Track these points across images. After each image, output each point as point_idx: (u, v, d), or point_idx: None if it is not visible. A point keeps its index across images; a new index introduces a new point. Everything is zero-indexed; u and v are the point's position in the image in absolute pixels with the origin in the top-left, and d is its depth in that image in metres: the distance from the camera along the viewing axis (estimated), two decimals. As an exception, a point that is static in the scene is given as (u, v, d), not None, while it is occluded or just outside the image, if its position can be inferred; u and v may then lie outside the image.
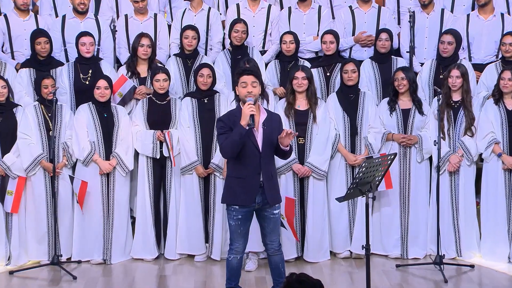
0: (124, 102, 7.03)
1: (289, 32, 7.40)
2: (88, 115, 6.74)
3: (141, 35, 7.15)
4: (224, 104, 6.83)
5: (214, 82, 6.86)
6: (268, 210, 5.44)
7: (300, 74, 6.70)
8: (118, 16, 7.94)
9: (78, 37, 7.19)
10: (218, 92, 6.92)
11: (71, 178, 6.63)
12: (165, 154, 6.78)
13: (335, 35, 7.36)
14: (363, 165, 5.16)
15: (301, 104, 6.81)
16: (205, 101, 6.86)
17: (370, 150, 6.75)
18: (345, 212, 6.90)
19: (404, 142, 6.80)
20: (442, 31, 7.55)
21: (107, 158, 6.77)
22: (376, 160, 5.20)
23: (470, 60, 7.67)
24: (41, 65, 7.24)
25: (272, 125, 5.38)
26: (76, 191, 6.58)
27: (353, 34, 7.82)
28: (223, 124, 5.29)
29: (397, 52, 7.78)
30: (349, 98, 6.95)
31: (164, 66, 7.29)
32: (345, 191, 6.10)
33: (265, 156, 5.34)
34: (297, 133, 5.60)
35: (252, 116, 5.12)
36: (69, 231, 6.79)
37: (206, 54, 7.66)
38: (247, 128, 5.13)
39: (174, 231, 6.88)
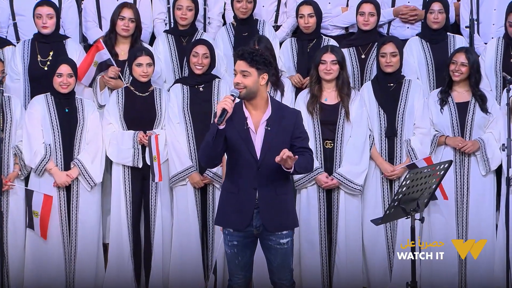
0: (100, 70, 6.39)
1: (307, 2, 6.69)
2: (43, 110, 6.02)
3: (123, 5, 6.53)
4: (226, 93, 6.11)
5: (212, 65, 6.23)
6: (272, 238, 4.81)
7: (329, 57, 5.97)
8: None
9: (34, 7, 6.44)
10: (218, 77, 6.30)
11: (29, 192, 5.92)
12: (149, 162, 6.05)
13: (376, 5, 6.62)
14: (407, 176, 4.62)
15: (329, 96, 6.04)
16: (200, 89, 6.20)
17: (412, 158, 6.04)
18: (382, 237, 6.15)
19: (462, 148, 6.08)
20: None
21: (67, 166, 6.07)
22: (425, 170, 4.69)
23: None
24: (-16, 45, 6.52)
25: (282, 125, 4.78)
26: (37, 209, 5.88)
27: (393, 5, 7.01)
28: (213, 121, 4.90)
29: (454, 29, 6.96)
30: (388, 89, 6.17)
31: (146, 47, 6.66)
32: (382, 210, 6.07)
33: (266, 166, 4.74)
34: (297, 156, 4.82)
35: (223, 111, 4.59)
36: (22, 261, 6.16)
37: (205, 31, 7.04)
38: (220, 126, 4.66)
39: (160, 261, 6.18)
